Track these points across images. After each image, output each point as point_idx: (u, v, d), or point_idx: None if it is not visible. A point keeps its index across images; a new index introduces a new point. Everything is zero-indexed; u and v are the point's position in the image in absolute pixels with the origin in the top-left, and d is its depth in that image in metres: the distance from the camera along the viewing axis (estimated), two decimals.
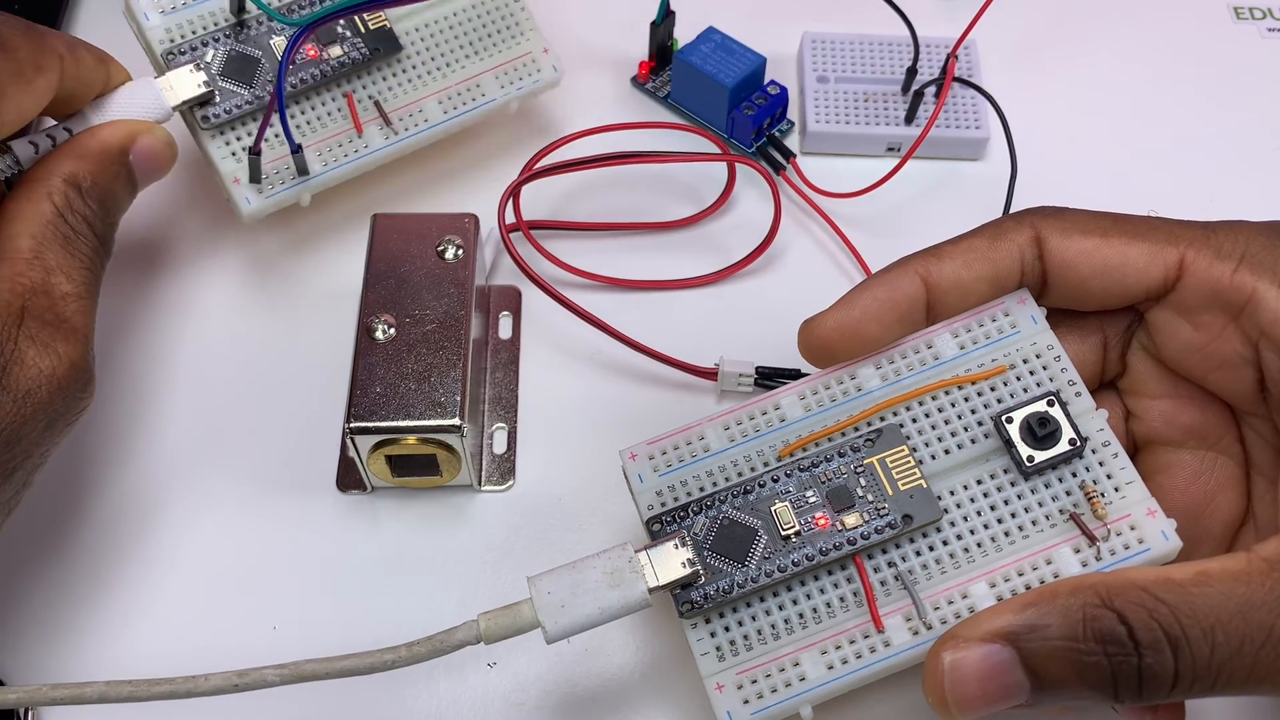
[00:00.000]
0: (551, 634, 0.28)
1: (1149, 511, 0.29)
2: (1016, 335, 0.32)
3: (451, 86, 0.42)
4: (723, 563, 0.29)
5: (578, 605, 0.28)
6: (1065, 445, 0.30)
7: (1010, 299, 0.32)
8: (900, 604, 0.29)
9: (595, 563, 0.29)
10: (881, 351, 0.32)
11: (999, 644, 0.26)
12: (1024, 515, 0.30)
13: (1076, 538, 0.29)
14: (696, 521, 0.30)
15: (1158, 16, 0.51)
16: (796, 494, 0.30)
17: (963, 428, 0.31)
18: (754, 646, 0.29)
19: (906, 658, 0.28)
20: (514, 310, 0.42)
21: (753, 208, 0.45)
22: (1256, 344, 0.30)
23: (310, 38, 0.40)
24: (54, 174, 0.34)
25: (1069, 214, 0.32)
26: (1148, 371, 0.33)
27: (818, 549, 0.29)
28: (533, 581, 0.29)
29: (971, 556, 0.29)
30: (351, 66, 0.40)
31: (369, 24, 0.41)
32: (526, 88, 0.43)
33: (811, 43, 0.48)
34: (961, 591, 0.29)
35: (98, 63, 0.36)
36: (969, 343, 0.32)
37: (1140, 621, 0.25)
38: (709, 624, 0.29)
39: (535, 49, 0.43)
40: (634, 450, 0.31)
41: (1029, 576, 0.29)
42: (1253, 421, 0.32)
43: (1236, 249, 0.30)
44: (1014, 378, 0.31)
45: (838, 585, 0.29)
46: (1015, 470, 0.30)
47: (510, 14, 0.43)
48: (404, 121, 0.41)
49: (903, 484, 0.30)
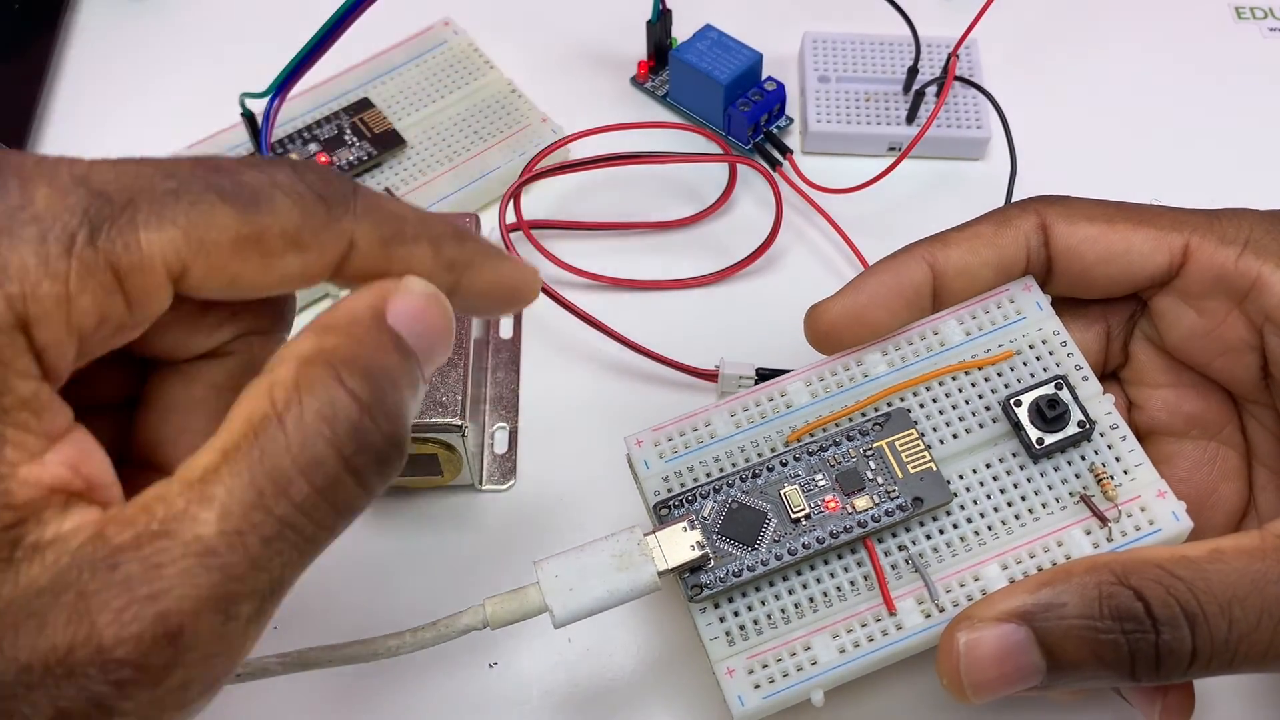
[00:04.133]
0: (560, 618, 0.28)
1: (1159, 493, 0.29)
2: (1022, 321, 0.32)
3: (459, 166, 0.44)
4: (732, 546, 0.29)
5: (586, 588, 0.28)
6: (1074, 428, 0.30)
7: (1015, 285, 0.32)
8: (912, 586, 0.29)
9: (603, 546, 0.28)
10: (888, 338, 0.32)
11: (1014, 624, 0.25)
12: (1034, 498, 0.30)
13: (1087, 519, 0.29)
14: (705, 505, 0.30)
15: (1159, 16, 0.51)
16: (805, 477, 0.30)
17: (971, 412, 0.31)
18: (764, 631, 0.29)
19: (920, 640, 0.28)
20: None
21: (753, 208, 0.45)
22: (1260, 329, 0.30)
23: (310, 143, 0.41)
24: (284, 361, 0.20)
25: (1073, 201, 0.32)
26: (1150, 361, 0.33)
27: (828, 532, 0.29)
28: (539, 565, 0.28)
29: (983, 539, 0.29)
30: (361, 165, 0.43)
31: (373, 128, 0.44)
32: (530, 154, 0.44)
33: (813, 42, 0.48)
34: (974, 574, 0.29)
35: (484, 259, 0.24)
36: (975, 329, 0.32)
37: (1157, 598, 0.25)
38: (718, 609, 0.29)
39: (534, 120, 0.46)
40: (639, 436, 0.31)
41: (1040, 558, 0.29)
42: (1255, 410, 0.32)
43: (1240, 234, 0.30)
44: (1020, 363, 0.31)
45: (848, 569, 0.29)
46: (1025, 453, 0.30)
47: (508, 100, 0.46)
48: (411, 198, 0.43)
49: (912, 467, 0.30)
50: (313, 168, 0.22)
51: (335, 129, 0.44)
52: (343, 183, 0.22)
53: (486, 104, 0.46)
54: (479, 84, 0.46)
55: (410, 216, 0.23)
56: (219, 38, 0.50)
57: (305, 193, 0.21)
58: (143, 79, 0.49)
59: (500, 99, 0.46)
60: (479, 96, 0.46)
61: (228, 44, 0.50)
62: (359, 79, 0.46)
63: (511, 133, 0.45)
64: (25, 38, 0.48)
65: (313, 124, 0.44)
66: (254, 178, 0.21)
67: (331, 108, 0.45)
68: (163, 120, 0.47)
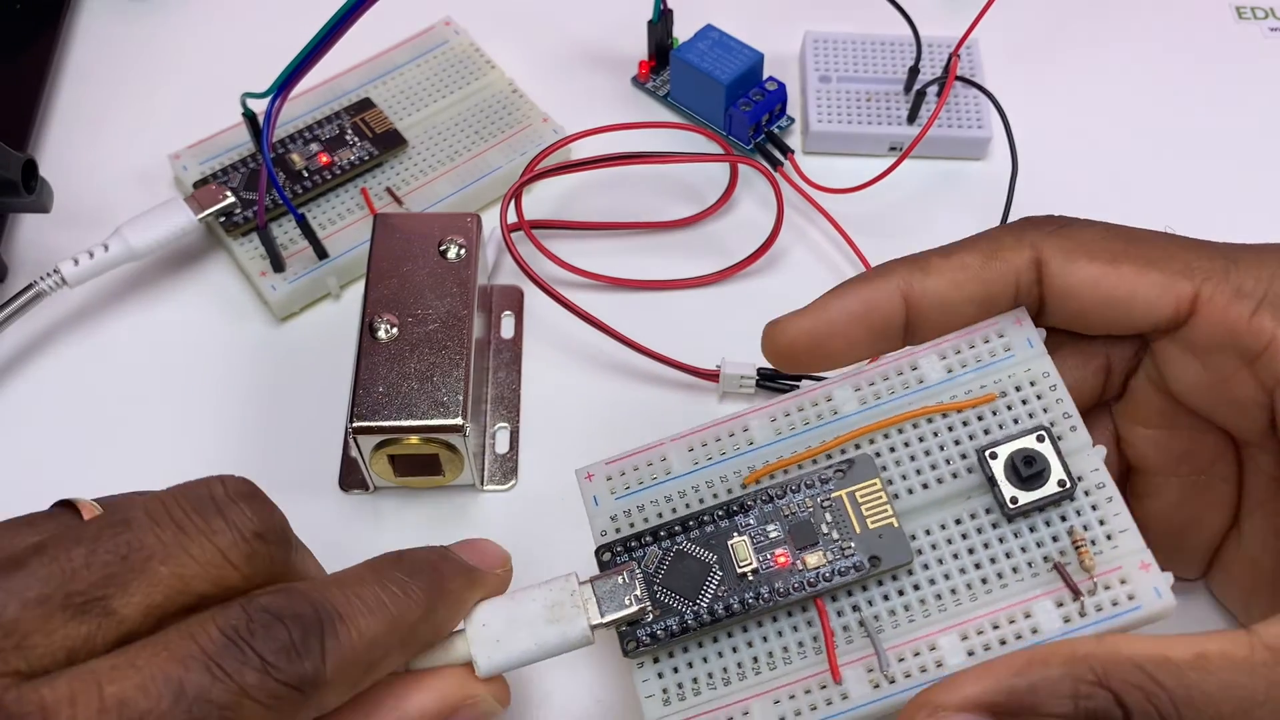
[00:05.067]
0: (483, 669, 0.26)
1: (1142, 564, 0.26)
2: (1010, 359, 0.29)
3: (460, 166, 0.44)
4: (673, 599, 0.27)
5: (514, 640, 0.27)
6: (1054, 487, 0.27)
7: (1006, 319, 0.29)
8: (863, 652, 0.27)
9: (536, 594, 0.27)
10: (862, 372, 0.30)
11: (979, 716, 0.23)
12: (1004, 561, 0.27)
13: (1060, 590, 0.26)
14: (649, 553, 0.28)
15: (1160, 16, 0.51)
16: (757, 528, 0.28)
17: (944, 460, 0.28)
18: (702, 691, 0.27)
19: (866, 713, 0.26)
20: (516, 310, 0.42)
21: (754, 208, 0.45)
22: (1272, 391, 0.27)
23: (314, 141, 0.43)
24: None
25: (1074, 231, 0.29)
26: (1149, 400, 0.30)
27: (775, 589, 0.27)
28: (471, 612, 0.27)
29: (944, 604, 0.27)
30: (362, 165, 0.43)
31: (374, 128, 0.44)
32: (531, 154, 0.44)
33: (814, 42, 0.48)
34: (930, 643, 0.26)
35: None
36: (957, 365, 0.29)
37: (1139, 707, 0.23)
38: (656, 664, 0.27)
39: (535, 120, 0.45)
40: (591, 470, 0.30)
41: (1005, 629, 0.26)
42: (1256, 453, 0.30)
43: (1259, 288, 0.27)
44: (1004, 406, 0.29)
45: (797, 629, 0.27)
46: (997, 511, 0.27)
47: (509, 100, 0.46)
48: (411, 198, 0.43)
49: (872, 522, 0.27)
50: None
51: (336, 129, 0.44)
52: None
53: (488, 104, 0.46)
54: (480, 84, 0.46)
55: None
56: (220, 38, 0.50)
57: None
58: (144, 79, 0.49)
59: (501, 99, 0.46)
60: (480, 96, 0.46)
61: (229, 44, 0.50)
62: (360, 79, 0.46)
63: (512, 132, 0.45)
64: (26, 37, 0.48)
65: (314, 124, 0.44)
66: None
67: (333, 107, 0.45)
68: (164, 120, 0.47)
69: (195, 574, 0.23)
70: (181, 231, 0.40)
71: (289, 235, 0.42)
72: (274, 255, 0.41)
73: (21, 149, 0.43)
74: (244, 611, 0.23)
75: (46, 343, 0.41)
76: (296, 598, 0.23)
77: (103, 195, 0.44)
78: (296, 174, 0.43)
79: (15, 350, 0.41)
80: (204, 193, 0.41)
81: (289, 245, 0.42)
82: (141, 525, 0.23)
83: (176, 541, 0.23)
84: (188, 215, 0.40)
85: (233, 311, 0.42)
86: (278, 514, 0.25)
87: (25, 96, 0.46)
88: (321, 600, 0.24)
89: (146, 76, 0.49)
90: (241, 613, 0.22)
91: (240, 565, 0.24)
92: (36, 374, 0.41)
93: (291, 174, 0.42)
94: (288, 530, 0.25)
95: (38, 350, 0.41)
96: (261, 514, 0.24)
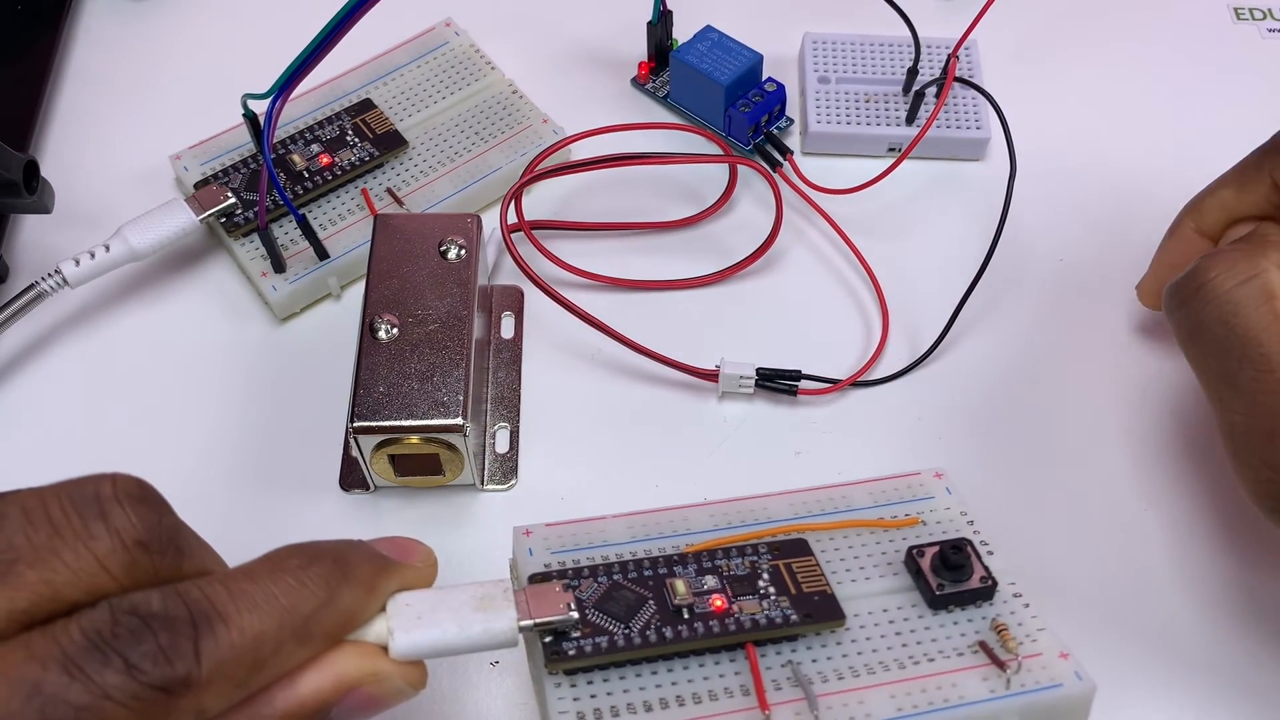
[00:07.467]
0: (398, 646, 0.24)
1: (1061, 654, 0.28)
2: (930, 501, 0.32)
3: (460, 167, 0.44)
4: (606, 621, 0.27)
5: (436, 621, 0.25)
6: (976, 582, 0.29)
7: (926, 473, 0.32)
8: (793, 696, 0.27)
9: (468, 588, 0.26)
10: (795, 491, 0.32)
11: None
12: (931, 645, 0.28)
13: (985, 665, 0.28)
14: (584, 583, 0.28)
15: (1158, 17, 0.51)
16: (696, 578, 0.28)
17: (872, 564, 0.30)
18: (622, 717, 0.26)
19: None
20: (516, 310, 0.42)
21: (753, 208, 0.45)
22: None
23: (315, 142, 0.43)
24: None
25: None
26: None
27: (710, 627, 0.27)
28: (394, 595, 0.26)
29: (873, 670, 0.28)
30: (363, 166, 0.43)
31: (375, 129, 0.44)
32: (532, 154, 0.44)
33: (813, 43, 0.48)
34: (859, 698, 0.27)
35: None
36: (882, 498, 0.32)
37: None
38: (574, 687, 0.26)
39: (535, 121, 0.46)
40: (529, 528, 0.30)
41: (932, 695, 0.27)
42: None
43: None
44: (926, 531, 0.31)
45: (724, 675, 0.27)
46: (923, 604, 0.29)
47: (509, 101, 0.46)
48: (412, 199, 0.43)
49: (807, 588, 0.28)
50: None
51: (337, 130, 0.44)
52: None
53: (488, 105, 0.46)
54: (480, 85, 0.47)
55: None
56: (221, 39, 0.50)
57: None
58: (145, 80, 0.49)
59: (501, 100, 0.46)
60: (480, 97, 0.46)
61: (230, 45, 0.50)
62: (361, 80, 0.46)
63: (513, 133, 0.45)
64: (27, 38, 0.48)
65: (315, 125, 0.44)
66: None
67: (333, 108, 0.45)
68: (165, 121, 0.47)
69: (67, 581, 0.21)
70: (182, 232, 0.40)
71: (290, 236, 0.42)
72: (275, 256, 0.41)
73: (23, 150, 0.43)
74: (110, 613, 0.21)
75: (48, 343, 0.41)
76: (171, 598, 0.22)
77: (104, 196, 0.45)
78: (297, 175, 0.43)
79: (16, 350, 0.41)
80: (205, 193, 0.41)
81: (290, 246, 0.42)
82: (13, 524, 0.21)
83: (49, 544, 0.21)
84: (189, 216, 0.41)
85: (234, 312, 0.42)
86: (168, 518, 0.23)
87: (26, 97, 0.46)
88: (199, 599, 0.22)
89: (147, 77, 0.49)
90: (108, 614, 0.21)
91: (118, 575, 0.22)
92: (37, 374, 0.41)
93: (292, 175, 0.43)
94: (179, 536, 0.23)
95: (39, 350, 0.41)
96: (148, 520, 0.22)
